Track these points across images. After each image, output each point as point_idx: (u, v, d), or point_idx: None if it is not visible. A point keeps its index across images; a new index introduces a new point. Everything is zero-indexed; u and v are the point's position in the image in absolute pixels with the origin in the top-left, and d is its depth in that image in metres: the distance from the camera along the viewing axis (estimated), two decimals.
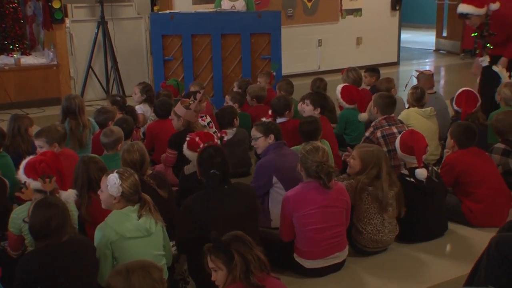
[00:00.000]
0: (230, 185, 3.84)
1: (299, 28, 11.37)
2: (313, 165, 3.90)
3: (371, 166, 4.25)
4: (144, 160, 4.19)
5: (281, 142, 4.80)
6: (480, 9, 6.23)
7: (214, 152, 3.86)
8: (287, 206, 3.96)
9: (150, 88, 6.92)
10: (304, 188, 3.98)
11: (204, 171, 3.85)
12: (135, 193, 3.53)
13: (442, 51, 14.32)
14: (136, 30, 10.10)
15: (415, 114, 5.98)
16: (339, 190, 4.06)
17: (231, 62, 8.47)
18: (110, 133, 4.89)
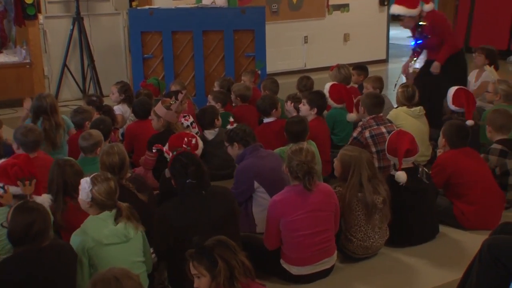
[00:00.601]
0: (208, 190, 3.80)
1: (284, 25, 11.39)
2: (294, 165, 3.91)
3: (351, 172, 4.25)
4: (124, 163, 4.17)
5: (256, 145, 4.77)
6: (413, 10, 6.18)
7: (187, 160, 3.80)
8: (274, 211, 3.95)
9: (128, 88, 6.89)
10: (291, 192, 3.97)
11: (179, 182, 3.78)
12: (108, 200, 3.51)
13: None
14: (113, 27, 10.05)
15: (404, 114, 6.00)
16: (328, 193, 4.06)
17: (213, 60, 8.47)
18: (89, 136, 4.86)
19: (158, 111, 5.42)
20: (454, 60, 6.47)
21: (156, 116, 5.44)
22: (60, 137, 5.66)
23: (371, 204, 4.19)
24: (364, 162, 4.25)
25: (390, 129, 5.44)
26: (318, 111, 5.83)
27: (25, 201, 3.51)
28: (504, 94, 6.10)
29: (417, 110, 6.02)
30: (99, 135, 4.90)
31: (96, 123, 5.40)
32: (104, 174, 3.62)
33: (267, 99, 6.09)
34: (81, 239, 3.44)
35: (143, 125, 5.94)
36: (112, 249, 3.47)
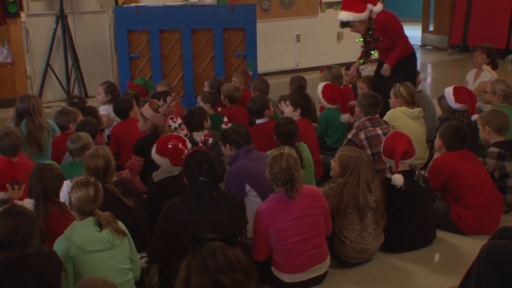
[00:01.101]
0: (219, 192, 3.86)
1: (276, 23, 11.40)
2: (276, 171, 3.90)
3: (349, 173, 4.27)
4: (109, 166, 4.17)
5: (250, 147, 4.78)
6: (361, 14, 6.14)
7: (201, 158, 3.85)
8: (260, 221, 3.94)
9: (115, 88, 6.89)
10: (276, 200, 3.96)
11: (191, 180, 3.85)
12: (85, 207, 3.51)
13: (428, 46, 14.46)
14: (99, 25, 10.03)
15: (402, 114, 6.02)
16: (315, 196, 4.06)
17: (202, 59, 8.47)
18: (77, 138, 4.85)
19: (145, 113, 5.40)
20: (405, 62, 6.45)
21: (143, 118, 5.42)
22: (45, 140, 5.65)
23: (363, 204, 4.21)
24: (365, 162, 4.28)
25: (386, 131, 5.46)
26: (302, 112, 5.84)
27: (12, 205, 3.51)
28: (503, 94, 6.12)
29: (416, 112, 6.03)
30: (87, 137, 4.90)
31: (82, 125, 5.39)
32: (86, 179, 3.61)
33: (257, 100, 6.11)
34: (64, 246, 3.44)
35: (128, 126, 5.93)
36: (96, 256, 3.46)
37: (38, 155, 5.47)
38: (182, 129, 5.96)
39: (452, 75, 11.62)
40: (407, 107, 6.09)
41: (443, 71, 12.11)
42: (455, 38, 13.38)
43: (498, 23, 12.27)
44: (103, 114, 6.62)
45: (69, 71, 9.58)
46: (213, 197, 3.81)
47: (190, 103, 7.41)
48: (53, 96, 9.70)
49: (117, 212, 3.80)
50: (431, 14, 14.50)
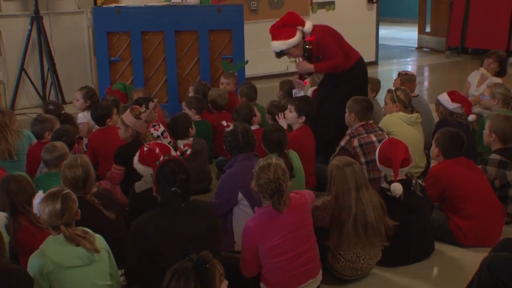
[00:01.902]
0: (188, 203, 3.84)
1: (265, 24, 11.31)
2: (263, 183, 3.85)
3: (329, 182, 4.28)
4: (88, 176, 4.16)
5: (250, 154, 4.79)
6: (292, 39, 6.17)
7: (177, 168, 3.84)
8: (249, 238, 3.90)
9: (94, 93, 6.89)
10: (265, 215, 3.91)
11: (162, 189, 3.83)
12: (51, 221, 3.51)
13: (425, 48, 14.54)
14: (76, 27, 10.01)
15: (399, 120, 6.05)
16: (302, 205, 4.02)
17: (187, 63, 8.47)
18: (53, 148, 4.83)
19: (126, 120, 5.40)
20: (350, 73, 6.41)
21: (123, 125, 5.42)
22: (14, 148, 5.65)
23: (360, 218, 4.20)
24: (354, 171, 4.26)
25: (381, 138, 5.47)
26: (307, 119, 5.83)
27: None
28: (503, 98, 6.17)
29: (414, 117, 6.07)
30: (63, 147, 4.89)
31: (58, 133, 5.37)
32: (55, 191, 3.59)
33: (242, 109, 6.10)
34: (39, 262, 3.42)
35: (105, 135, 5.94)
36: (74, 272, 3.45)
37: (10, 165, 5.46)
38: (165, 137, 5.95)
39: (450, 78, 11.69)
40: (403, 112, 6.12)
41: (441, 74, 12.18)
42: (453, 40, 13.45)
43: (498, 24, 12.33)
44: (82, 122, 6.61)
45: (44, 76, 9.54)
46: (181, 208, 3.78)
47: (174, 109, 7.41)
48: (27, 103, 9.66)
49: (97, 225, 3.79)
50: (427, 14, 14.57)
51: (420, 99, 6.99)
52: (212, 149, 6.74)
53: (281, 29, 6.16)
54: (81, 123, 6.63)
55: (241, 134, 4.85)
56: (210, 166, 6.38)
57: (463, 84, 8.05)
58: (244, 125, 5.04)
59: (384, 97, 6.40)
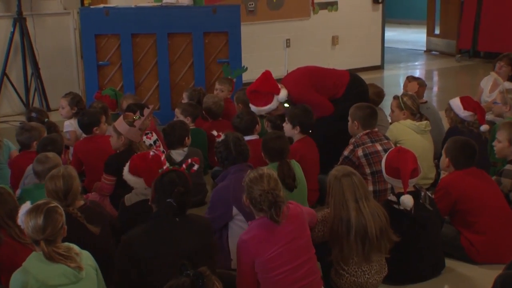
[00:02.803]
0: (183, 218, 3.85)
1: (263, 26, 11.45)
2: (257, 195, 3.87)
3: (334, 195, 4.29)
4: (70, 188, 4.15)
5: (244, 165, 4.80)
6: (269, 105, 6.25)
7: (178, 179, 3.87)
8: (244, 252, 3.91)
9: (80, 99, 6.90)
10: (259, 227, 3.93)
11: (159, 198, 3.86)
12: (33, 236, 3.51)
13: (434, 51, 14.58)
14: (62, 29, 10.02)
15: (407, 128, 6.07)
16: (299, 214, 4.04)
17: (180, 67, 8.49)
18: (45, 159, 4.84)
19: (119, 127, 5.41)
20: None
21: (116, 133, 5.43)
22: None
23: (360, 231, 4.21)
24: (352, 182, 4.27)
25: (387, 147, 5.48)
26: (302, 129, 5.80)
27: None
28: None
29: (423, 125, 6.09)
30: (56, 158, 4.89)
31: (44, 142, 5.38)
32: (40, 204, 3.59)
33: (244, 116, 6.09)
34: (22, 280, 3.42)
35: (92, 144, 5.95)
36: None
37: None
38: (157, 146, 5.97)
39: (461, 83, 11.72)
40: (411, 120, 6.14)
41: (451, 79, 12.20)
42: (464, 42, 13.49)
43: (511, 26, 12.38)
44: (69, 130, 6.63)
45: (28, 81, 9.54)
46: (175, 223, 3.80)
47: (167, 117, 7.42)
48: (10, 110, 9.65)
49: (82, 241, 3.79)
50: (437, 15, 14.61)
51: (429, 106, 7.00)
52: (208, 159, 6.75)
53: (256, 95, 6.28)
54: (68, 132, 6.65)
55: (233, 144, 4.87)
56: (206, 177, 6.39)
57: (475, 90, 8.08)
58: (236, 134, 5.07)
59: (391, 104, 6.41)
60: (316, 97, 6.28)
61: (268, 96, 6.25)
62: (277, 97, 6.24)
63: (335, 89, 6.40)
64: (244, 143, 4.94)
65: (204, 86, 8.22)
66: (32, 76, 9.47)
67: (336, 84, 6.41)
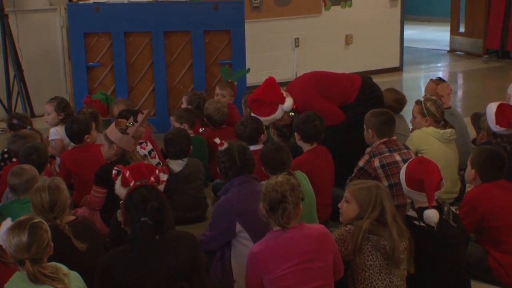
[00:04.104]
0: (163, 236, 3.84)
1: (269, 23, 11.47)
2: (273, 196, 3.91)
3: (371, 208, 4.28)
4: (56, 200, 4.15)
5: (249, 177, 4.80)
6: (273, 115, 6.31)
7: (149, 194, 3.87)
8: (253, 266, 3.94)
9: (67, 104, 6.90)
10: (274, 240, 3.95)
11: (131, 219, 3.85)
12: (15, 255, 3.52)
13: (458, 52, 14.58)
14: (48, 27, 10.05)
15: (430, 137, 6.08)
16: (321, 236, 4.05)
17: (178, 69, 8.51)
18: (20, 171, 4.85)
19: (111, 135, 5.41)
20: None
21: (107, 141, 5.44)
22: None
23: (396, 249, 4.19)
24: (386, 192, 4.29)
25: (406, 157, 5.48)
26: (304, 138, 5.78)
27: None
28: None
29: (448, 133, 6.09)
30: (32, 170, 4.89)
31: (28, 151, 5.38)
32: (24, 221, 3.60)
33: (249, 124, 6.10)
34: None
35: (84, 152, 5.97)
36: None
37: None
38: (152, 156, 5.98)
39: (488, 87, 11.71)
40: (434, 127, 6.14)
41: (477, 82, 12.20)
42: (492, 42, 13.49)
43: None
44: (55, 138, 6.63)
45: (10, 84, 9.56)
46: (155, 242, 3.80)
47: (163, 124, 7.45)
48: None
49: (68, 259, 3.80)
50: (461, 12, 14.61)
51: (453, 112, 6.99)
52: (208, 171, 6.77)
53: (259, 104, 6.32)
54: (54, 140, 6.64)
55: (238, 153, 4.85)
56: (206, 190, 6.39)
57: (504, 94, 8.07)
58: (240, 142, 5.07)
59: (412, 109, 6.41)
60: (324, 105, 6.30)
61: (272, 105, 6.28)
62: (281, 106, 6.26)
63: (346, 95, 6.43)
64: (250, 153, 4.94)
65: (204, 90, 8.21)
66: (15, 79, 9.48)
67: (347, 89, 6.43)
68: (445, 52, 14.89)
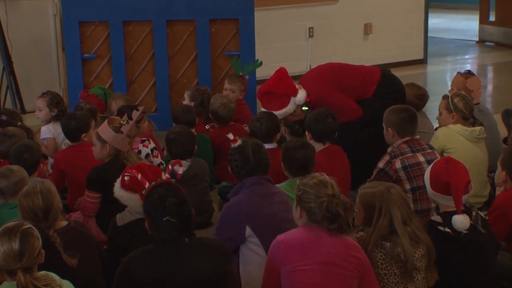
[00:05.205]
0: (193, 238, 3.88)
1: (281, 12, 11.48)
2: (323, 202, 3.90)
3: (376, 217, 4.29)
4: (51, 206, 4.14)
5: (262, 178, 4.79)
6: (285, 109, 6.35)
7: (166, 191, 3.89)
8: (275, 254, 3.95)
9: (60, 100, 6.92)
10: (304, 233, 3.98)
11: (154, 221, 3.87)
12: (8, 265, 3.52)
13: (488, 42, 14.56)
14: (40, 15, 10.07)
15: (456, 134, 6.07)
16: (352, 246, 4.06)
17: (182, 61, 8.54)
18: (9, 173, 4.84)
19: (103, 134, 5.40)
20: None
21: (99, 141, 5.43)
22: None
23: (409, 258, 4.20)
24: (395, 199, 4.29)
25: (430, 158, 5.48)
26: (314, 136, 5.80)
27: None
28: None
29: (477, 131, 6.07)
30: (21, 171, 4.88)
31: (19, 150, 5.40)
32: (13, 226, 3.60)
33: (265, 120, 6.11)
34: None
35: (80, 152, 5.98)
36: None
37: None
38: (155, 155, 5.99)
39: None
40: (462, 124, 6.12)
41: (509, 76, 12.15)
42: None
43: None
44: (47, 137, 6.67)
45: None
46: (184, 244, 3.82)
47: (165, 121, 7.45)
48: None
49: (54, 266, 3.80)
50: None
51: (482, 108, 6.99)
52: (213, 172, 6.79)
53: (269, 97, 6.33)
54: (46, 139, 6.67)
55: (252, 151, 4.84)
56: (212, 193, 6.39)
57: None
58: (255, 140, 5.07)
59: (439, 104, 6.40)
60: (340, 99, 6.31)
61: (283, 98, 6.28)
62: (294, 99, 6.27)
63: (363, 88, 6.44)
64: (265, 152, 4.92)
65: (210, 84, 8.24)
66: (4, 72, 9.52)
67: (364, 82, 6.44)
68: (473, 43, 14.87)
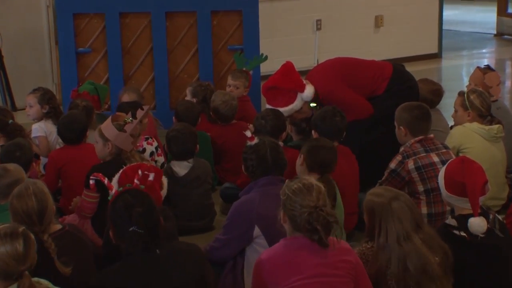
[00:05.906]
0: (165, 247, 3.86)
1: (287, 3, 11.49)
2: (304, 212, 3.88)
3: (377, 229, 4.27)
4: (45, 208, 4.14)
5: (276, 178, 4.82)
6: (291, 105, 6.35)
7: (133, 199, 3.89)
8: (259, 275, 3.94)
9: (52, 96, 6.94)
10: (288, 247, 3.96)
11: (119, 231, 3.87)
12: (12, 268, 3.52)
13: (506, 36, 14.55)
14: (31, 7, 10.09)
15: (473, 133, 6.08)
16: (342, 250, 4.06)
17: (182, 55, 8.55)
18: (4, 172, 4.85)
19: (106, 132, 5.42)
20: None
21: (102, 138, 5.46)
22: None
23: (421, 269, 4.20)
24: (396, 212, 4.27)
25: (445, 158, 5.48)
26: (324, 136, 5.74)
27: None
28: None
29: (494, 130, 6.08)
30: (19, 170, 4.91)
31: (10, 149, 5.44)
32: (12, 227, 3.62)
33: (270, 118, 6.13)
34: None
35: (74, 152, 6.01)
36: None
37: None
38: (159, 154, 5.99)
39: None
40: (479, 122, 6.12)
41: None
42: None
43: None
44: (38, 136, 6.67)
45: None
46: (154, 257, 3.80)
47: (164, 118, 7.47)
48: None
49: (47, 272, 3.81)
50: None
51: (500, 105, 6.99)
52: (215, 172, 6.80)
53: (275, 93, 6.34)
54: (37, 137, 6.68)
55: (270, 150, 4.88)
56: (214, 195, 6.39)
57: None
58: (272, 139, 5.09)
59: (454, 101, 6.40)
60: (349, 95, 6.32)
61: (289, 94, 6.29)
62: (301, 95, 6.28)
63: (374, 84, 6.44)
64: (282, 151, 4.96)
65: (211, 79, 8.25)
66: None
67: (375, 78, 6.45)
68: (491, 36, 14.87)
